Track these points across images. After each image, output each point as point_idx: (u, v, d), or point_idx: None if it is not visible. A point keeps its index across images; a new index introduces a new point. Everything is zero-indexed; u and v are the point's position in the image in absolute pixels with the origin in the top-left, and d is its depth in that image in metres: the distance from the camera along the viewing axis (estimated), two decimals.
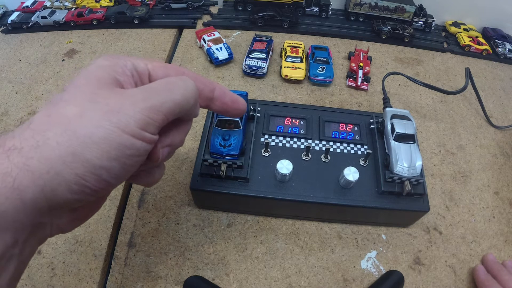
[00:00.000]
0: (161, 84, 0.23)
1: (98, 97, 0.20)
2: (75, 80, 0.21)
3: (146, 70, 0.24)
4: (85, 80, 0.21)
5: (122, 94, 0.21)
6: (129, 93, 0.21)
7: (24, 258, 0.20)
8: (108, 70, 0.22)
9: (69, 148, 0.18)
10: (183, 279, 0.37)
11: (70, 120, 0.19)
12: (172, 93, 0.22)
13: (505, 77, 0.68)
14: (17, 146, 0.18)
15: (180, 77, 0.24)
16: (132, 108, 0.20)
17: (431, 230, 0.44)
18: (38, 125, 0.19)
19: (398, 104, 0.58)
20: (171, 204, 0.43)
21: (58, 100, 0.20)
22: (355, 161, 0.41)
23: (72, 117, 0.19)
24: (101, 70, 0.22)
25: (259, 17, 0.70)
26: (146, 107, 0.21)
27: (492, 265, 0.40)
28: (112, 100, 0.20)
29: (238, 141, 0.37)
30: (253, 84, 0.59)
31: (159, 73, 0.25)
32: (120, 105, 0.20)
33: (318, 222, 0.43)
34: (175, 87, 0.23)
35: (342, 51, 0.68)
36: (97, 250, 0.39)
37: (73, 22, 0.69)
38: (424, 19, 0.74)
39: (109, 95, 0.20)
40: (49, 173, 0.18)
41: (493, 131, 0.57)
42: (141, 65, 0.24)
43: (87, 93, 0.20)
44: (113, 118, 0.19)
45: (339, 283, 0.39)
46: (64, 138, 0.18)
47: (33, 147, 0.18)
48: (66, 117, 0.19)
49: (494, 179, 0.50)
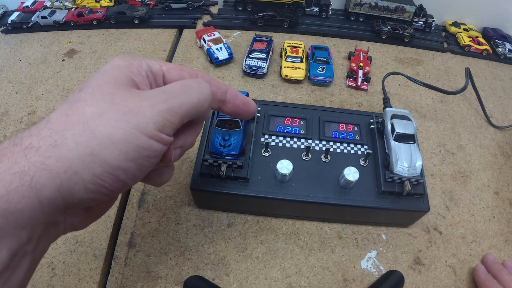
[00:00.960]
0: (178, 86, 0.23)
1: (116, 98, 0.20)
2: (92, 80, 0.21)
3: (161, 71, 0.24)
4: (102, 80, 0.21)
5: (140, 95, 0.21)
6: (147, 95, 0.21)
7: (37, 255, 0.20)
8: (124, 70, 0.22)
9: (87, 148, 0.18)
10: (183, 279, 0.37)
11: (88, 120, 0.19)
12: (189, 96, 0.22)
13: (505, 77, 0.68)
14: (35, 145, 0.18)
15: (196, 79, 0.25)
16: (151, 109, 0.20)
17: (431, 230, 0.44)
18: (56, 124, 0.19)
19: (398, 104, 0.58)
20: (171, 204, 0.43)
21: (75, 99, 0.20)
22: (355, 161, 0.41)
23: (90, 117, 0.19)
24: (118, 70, 0.22)
25: (259, 17, 0.70)
26: (164, 109, 0.21)
27: (492, 265, 0.40)
28: (130, 101, 0.20)
29: (238, 141, 0.37)
30: (253, 84, 0.59)
31: (173, 74, 0.25)
32: (139, 106, 0.20)
33: (318, 222, 0.43)
34: (192, 90, 0.23)
35: (342, 51, 0.68)
36: (97, 250, 0.39)
37: (73, 22, 0.69)
38: (424, 19, 0.74)
39: (127, 96, 0.20)
40: (66, 173, 0.18)
41: (493, 131, 0.57)
42: (156, 66, 0.24)
43: (105, 93, 0.20)
44: (132, 120, 0.19)
45: (339, 283, 0.39)
46: (83, 138, 0.18)
47: (51, 146, 0.18)
48: (84, 117, 0.19)
49: (494, 179, 0.50)
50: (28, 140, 0.18)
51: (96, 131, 0.18)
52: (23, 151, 0.18)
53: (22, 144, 0.18)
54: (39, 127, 0.19)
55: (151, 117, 0.20)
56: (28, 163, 0.17)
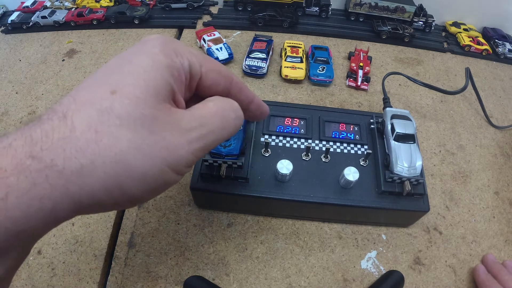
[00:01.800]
0: (218, 120, 0.21)
1: (155, 125, 0.18)
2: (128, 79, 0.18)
3: (199, 73, 0.22)
4: (142, 88, 0.18)
5: (179, 125, 0.19)
6: (185, 126, 0.19)
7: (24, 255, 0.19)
8: (166, 74, 0.19)
9: (116, 182, 0.17)
10: (183, 279, 0.37)
11: (123, 150, 0.17)
12: (224, 132, 0.21)
13: (505, 77, 0.68)
14: (58, 165, 0.16)
15: (233, 107, 0.23)
16: (187, 148, 0.19)
17: (431, 230, 0.44)
18: (84, 142, 0.16)
19: (398, 104, 0.58)
20: (171, 204, 0.43)
21: (107, 107, 0.17)
22: (355, 161, 0.41)
23: (125, 146, 0.17)
24: (159, 73, 0.19)
25: (259, 17, 0.70)
26: (199, 148, 0.20)
27: (492, 265, 0.39)
28: (168, 133, 0.18)
29: (238, 141, 0.37)
30: (253, 84, 0.59)
31: (210, 78, 0.23)
32: (177, 142, 0.19)
33: (318, 222, 0.43)
34: (229, 125, 0.22)
35: (342, 51, 0.68)
36: (97, 250, 0.39)
37: (73, 22, 0.69)
38: (424, 19, 0.74)
39: (166, 123, 0.18)
40: (88, 199, 0.17)
41: (493, 131, 0.57)
42: (196, 67, 0.21)
43: (145, 115, 0.17)
44: (168, 158, 0.18)
45: (339, 283, 0.39)
46: (114, 170, 0.16)
47: (77, 172, 0.16)
48: (119, 145, 0.17)
49: (494, 179, 0.50)
50: (48, 154, 0.15)
51: (129, 165, 0.17)
52: (44, 170, 0.15)
53: (41, 157, 0.15)
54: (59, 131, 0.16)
55: (185, 156, 0.19)
56: (50, 187, 0.15)
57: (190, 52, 0.21)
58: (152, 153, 0.17)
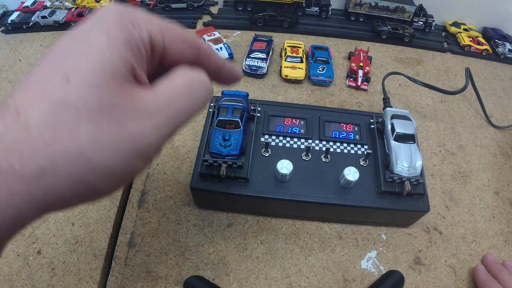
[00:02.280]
0: (184, 97, 0.19)
1: (116, 112, 0.16)
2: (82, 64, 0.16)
3: (162, 44, 0.20)
4: (98, 76, 0.16)
5: (142, 109, 0.17)
6: (150, 109, 0.18)
7: None
8: (124, 52, 0.17)
9: (81, 179, 0.16)
10: (183, 279, 0.37)
11: (84, 145, 0.15)
12: (192, 110, 0.20)
13: (505, 77, 0.68)
14: (17, 169, 0.14)
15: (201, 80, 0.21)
16: (154, 134, 0.18)
17: (431, 230, 0.44)
18: (40, 141, 0.15)
19: (398, 104, 0.58)
20: (171, 204, 0.43)
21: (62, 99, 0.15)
22: (355, 161, 0.41)
23: (86, 141, 0.15)
24: (116, 53, 0.17)
25: (259, 17, 0.70)
26: (167, 132, 0.18)
27: (492, 265, 0.39)
28: (132, 120, 0.17)
29: (238, 141, 0.37)
30: (253, 84, 0.59)
31: (174, 48, 0.20)
32: (142, 129, 0.17)
33: (318, 222, 0.43)
34: (197, 102, 0.20)
35: (342, 51, 0.68)
36: (97, 250, 0.39)
37: (73, 22, 0.69)
38: (424, 19, 0.74)
39: (128, 109, 0.17)
40: (53, 200, 0.16)
41: (493, 131, 0.57)
42: (158, 38, 0.19)
43: (104, 102, 0.16)
44: (133, 147, 0.17)
45: (339, 283, 0.39)
46: (77, 168, 0.15)
47: (37, 174, 0.15)
48: (79, 140, 0.15)
49: (494, 179, 0.50)
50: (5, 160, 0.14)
51: (93, 161, 0.16)
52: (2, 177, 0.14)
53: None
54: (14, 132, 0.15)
55: (154, 143, 0.18)
56: (11, 193, 0.14)
57: (150, 21, 0.19)
58: (116, 145, 0.16)
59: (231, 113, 0.39)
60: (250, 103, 0.44)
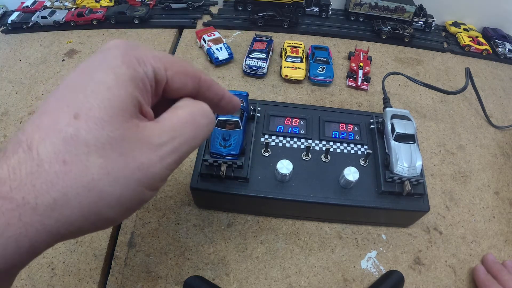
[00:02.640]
0: (187, 129, 0.20)
1: (124, 145, 0.17)
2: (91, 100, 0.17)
3: (165, 78, 0.21)
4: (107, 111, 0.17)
5: (149, 141, 0.18)
6: (156, 141, 0.19)
7: None
8: (131, 88, 0.18)
9: (92, 209, 0.16)
10: (183, 279, 0.37)
11: (94, 178, 0.16)
12: (196, 140, 0.21)
13: (505, 77, 0.68)
14: (30, 202, 0.15)
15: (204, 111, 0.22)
16: (160, 165, 0.19)
17: (431, 230, 0.44)
18: (53, 175, 0.15)
19: (398, 104, 0.58)
20: (171, 204, 0.43)
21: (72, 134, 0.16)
22: (355, 161, 0.41)
23: (97, 174, 0.16)
24: (124, 90, 0.18)
25: (259, 17, 0.70)
26: (172, 162, 0.19)
27: (492, 265, 0.40)
28: (139, 152, 0.18)
29: (238, 141, 0.37)
30: (253, 84, 0.59)
31: (176, 81, 0.21)
32: (149, 160, 0.18)
33: (318, 222, 0.43)
34: (200, 132, 0.21)
35: (342, 51, 0.68)
36: (97, 250, 0.39)
37: (73, 22, 0.69)
38: (424, 19, 0.74)
39: (135, 142, 0.18)
40: (66, 230, 0.16)
41: (493, 131, 0.57)
42: (161, 72, 0.20)
43: (111, 136, 0.17)
44: (142, 178, 0.18)
45: (339, 283, 0.39)
46: (88, 199, 0.16)
47: (50, 206, 0.15)
48: (89, 172, 0.16)
49: (494, 179, 0.50)
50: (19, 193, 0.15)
51: (103, 192, 0.16)
52: (16, 209, 0.15)
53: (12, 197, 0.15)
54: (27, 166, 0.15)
55: (159, 173, 0.19)
56: (25, 225, 0.15)
57: (153, 57, 0.20)
58: (125, 176, 0.17)
59: None
60: (250, 103, 0.44)
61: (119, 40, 0.20)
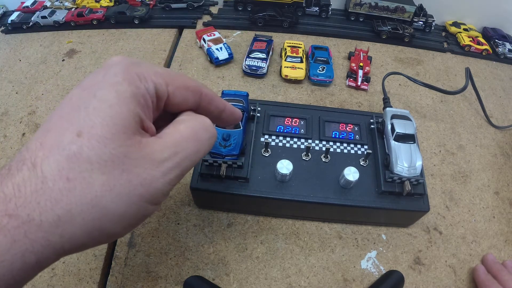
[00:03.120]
0: (189, 144, 0.20)
1: (127, 162, 0.17)
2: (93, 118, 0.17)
3: (166, 93, 0.21)
4: (109, 129, 0.17)
5: (151, 158, 0.19)
6: (158, 157, 0.19)
7: None
8: (132, 105, 0.18)
9: (96, 225, 0.17)
10: (183, 279, 0.37)
11: (97, 194, 0.17)
12: (198, 154, 0.21)
13: (505, 77, 0.68)
14: (35, 219, 0.15)
15: (205, 126, 0.22)
16: (162, 180, 0.19)
17: (431, 230, 0.44)
18: (57, 192, 0.16)
19: (398, 104, 0.58)
20: (171, 204, 0.43)
21: (76, 151, 0.16)
22: (355, 161, 0.41)
23: (100, 191, 0.17)
24: (126, 107, 0.18)
25: (259, 17, 0.70)
26: (174, 177, 0.20)
27: (492, 265, 0.40)
28: (141, 168, 0.18)
29: (238, 141, 0.37)
30: (253, 84, 0.59)
31: (177, 95, 0.22)
32: (151, 176, 0.18)
33: (318, 222, 0.43)
34: (202, 146, 0.21)
35: (342, 51, 0.68)
36: (97, 250, 0.39)
37: (73, 22, 0.69)
38: (424, 19, 0.74)
39: (138, 159, 0.18)
40: (71, 245, 0.17)
41: (493, 131, 0.57)
42: (162, 88, 0.20)
43: (114, 153, 0.17)
44: (144, 194, 0.18)
45: (339, 283, 0.39)
46: (92, 216, 0.17)
47: (55, 223, 0.16)
48: (93, 189, 0.16)
49: (494, 179, 0.50)
50: (24, 210, 0.15)
51: (107, 208, 0.17)
52: (22, 226, 0.15)
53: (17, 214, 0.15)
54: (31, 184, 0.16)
55: (162, 188, 0.19)
56: (31, 241, 0.15)
57: (155, 73, 0.20)
58: (127, 192, 0.17)
59: None
60: (250, 103, 0.44)
61: (121, 56, 0.20)
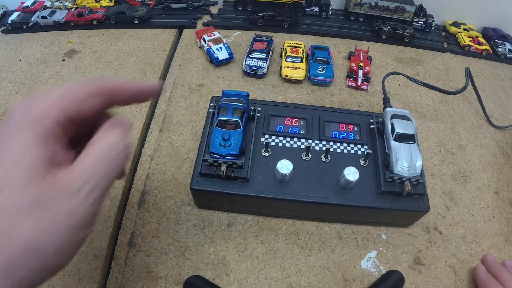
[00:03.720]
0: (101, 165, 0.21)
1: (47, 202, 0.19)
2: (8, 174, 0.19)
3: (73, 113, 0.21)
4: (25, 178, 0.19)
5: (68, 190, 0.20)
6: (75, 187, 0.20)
7: None
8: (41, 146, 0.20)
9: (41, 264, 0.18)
10: (183, 279, 0.37)
11: (31, 237, 0.18)
12: (114, 171, 0.22)
13: (505, 77, 0.68)
14: None
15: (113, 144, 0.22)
16: (85, 204, 0.20)
17: (431, 230, 0.44)
18: None
19: (398, 104, 0.58)
20: (171, 204, 0.43)
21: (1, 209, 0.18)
22: (355, 161, 0.41)
23: (31, 233, 0.18)
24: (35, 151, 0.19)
25: (259, 17, 0.70)
26: (96, 198, 0.20)
27: (492, 265, 0.40)
28: (62, 201, 0.19)
29: (238, 141, 0.37)
30: (253, 84, 0.59)
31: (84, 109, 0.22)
32: (74, 205, 0.19)
33: (318, 222, 0.43)
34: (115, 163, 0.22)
35: (342, 51, 0.68)
36: (97, 250, 0.39)
37: (73, 22, 0.69)
38: (424, 19, 0.74)
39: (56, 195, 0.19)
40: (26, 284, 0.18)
41: (493, 131, 0.57)
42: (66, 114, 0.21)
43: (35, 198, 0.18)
44: (71, 224, 0.19)
45: (339, 283, 0.39)
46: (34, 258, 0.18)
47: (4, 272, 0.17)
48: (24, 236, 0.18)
49: (494, 179, 0.50)
50: None
51: (43, 246, 0.18)
52: None
53: None
54: None
55: (87, 211, 0.20)
56: None
57: (53, 103, 0.21)
58: (57, 227, 0.19)
59: (231, 113, 0.39)
60: (250, 103, 0.44)
61: (17, 103, 0.21)
